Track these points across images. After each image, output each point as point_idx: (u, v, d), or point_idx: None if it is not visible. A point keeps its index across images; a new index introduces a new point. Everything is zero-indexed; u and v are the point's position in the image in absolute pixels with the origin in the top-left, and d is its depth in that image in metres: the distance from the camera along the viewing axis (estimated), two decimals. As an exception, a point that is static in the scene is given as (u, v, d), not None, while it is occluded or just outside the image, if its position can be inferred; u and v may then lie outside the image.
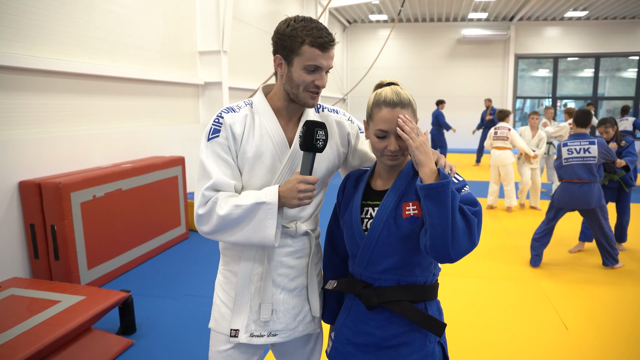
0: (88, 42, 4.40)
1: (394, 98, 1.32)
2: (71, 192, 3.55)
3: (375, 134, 1.34)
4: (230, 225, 1.37)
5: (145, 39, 5.28)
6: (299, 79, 1.38)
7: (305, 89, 1.39)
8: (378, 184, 1.44)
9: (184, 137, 6.09)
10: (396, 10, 13.49)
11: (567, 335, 3.08)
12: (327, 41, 1.34)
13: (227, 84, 6.81)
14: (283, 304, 1.51)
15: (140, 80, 5.21)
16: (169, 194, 4.95)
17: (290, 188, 1.35)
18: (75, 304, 2.69)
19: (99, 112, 4.61)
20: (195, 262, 4.50)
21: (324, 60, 1.36)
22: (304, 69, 1.36)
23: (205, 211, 1.38)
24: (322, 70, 1.38)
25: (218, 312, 1.54)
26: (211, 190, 1.39)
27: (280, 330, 1.51)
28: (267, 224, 1.35)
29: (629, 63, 15.31)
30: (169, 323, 3.25)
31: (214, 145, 1.42)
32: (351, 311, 1.45)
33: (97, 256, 3.85)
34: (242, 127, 1.44)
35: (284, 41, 1.36)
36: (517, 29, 14.83)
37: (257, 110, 1.47)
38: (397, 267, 1.35)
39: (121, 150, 4.84)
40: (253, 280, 1.49)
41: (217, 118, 1.44)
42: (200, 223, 1.40)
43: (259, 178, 1.45)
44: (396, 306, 1.35)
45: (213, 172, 1.39)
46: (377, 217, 1.35)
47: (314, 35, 1.33)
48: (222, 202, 1.37)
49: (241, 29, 7.75)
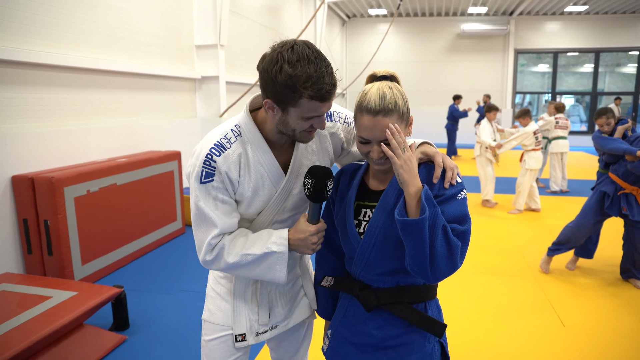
0: (85, 36, 4.35)
1: (377, 105, 1.21)
2: (65, 186, 3.51)
3: (358, 139, 1.30)
4: (240, 269, 1.38)
5: (142, 33, 5.23)
6: (295, 125, 1.27)
7: (304, 132, 1.30)
8: (373, 183, 1.38)
9: (180, 131, 6.05)
10: (395, 5, 13.41)
11: (564, 332, 3.06)
12: (329, 91, 1.20)
13: (225, 78, 6.76)
14: (280, 298, 1.54)
15: (137, 74, 5.16)
16: (165, 189, 4.92)
17: (304, 239, 1.34)
18: (66, 300, 2.66)
19: (95, 106, 4.57)
20: (191, 257, 4.46)
21: (325, 108, 1.24)
22: (301, 118, 1.24)
23: (212, 257, 1.37)
24: (322, 115, 1.28)
25: (213, 304, 1.54)
26: (217, 237, 1.36)
27: (280, 321, 1.56)
28: (278, 269, 1.36)
29: (628, 58, 15.24)
30: (163, 319, 3.22)
31: (209, 189, 1.32)
32: (349, 311, 1.41)
33: (92, 251, 3.81)
34: (238, 171, 1.34)
35: (277, 91, 1.19)
36: (516, 23, 14.75)
37: (247, 140, 1.35)
38: (396, 269, 1.31)
39: (117, 144, 4.80)
40: (249, 282, 1.50)
41: (208, 160, 1.30)
42: (208, 266, 1.39)
43: (255, 208, 1.42)
44: (395, 308, 1.32)
45: (216, 219, 1.33)
46: (374, 220, 1.30)
47: (315, 88, 1.17)
48: (229, 249, 1.35)
49: (239, 22, 7.69)
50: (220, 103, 6.64)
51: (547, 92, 15.66)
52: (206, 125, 6.54)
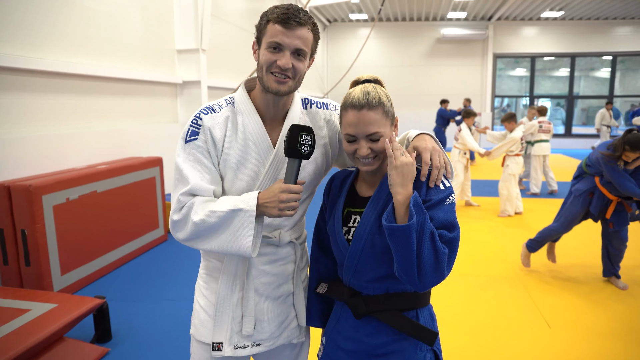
0: (63, 39, 4.25)
1: (361, 100, 1.22)
2: (43, 194, 3.41)
3: (345, 139, 1.28)
4: (206, 232, 1.29)
5: (121, 37, 5.14)
6: (262, 58, 1.29)
7: (268, 69, 1.28)
8: (363, 189, 1.37)
9: (162, 137, 5.96)
10: (376, 9, 13.50)
11: (550, 334, 3.09)
12: (290, 17, 1.24)
13: (206, 83, 6.69)
14: (267, 312, 1.44)
15: (117, 79, 5.06)
16: (147, 196, 4.82)
17: (271, 197, 1.25)
18: (46, 313, 2.57)
19: (74, 111, 4.46)
20: (174, 265, 4.39)
21: (287, 37, 1.25)
22: (267, 47, 1.28)
23: (180, 217, 1.30)
24: (285, 49, 1.26)
25: (197, 319, 1.47)
26: (187, 196, 1.31)
27: (265, 339, 1.45)
28: (244, 233, 1.25)
29: (602, 63, 15.65)
30: (146, 329, 3.14)
31: (192, 148, 1.32)
32: (341, 317, 1.39)
33: (71, 261, 3.71)
34: (223, 132, 1.34)
35: (259, 24, 1.31)
36: (495, 28, 14.99)
37: (239, 110, 1.37)
38: (385, 276, 1.29)
39: (96, 151, 4.69)
40: (235, 290, 1.41)
41: (195, 119, 1.35)
42: (175, 229, 1.33)
43: (241, 184, 1.36)
44: (385, 315, 1.30)
45: (190, 176, 1.30)
46: (360, 227, 1.28)
47: (278, 12, 1.25)
48: (197, 208, 1.29)
49: (220, 26, 7.63)
50: (202, 108, 6.55)
51: (525, 96, 15.94)
52: (188, 131, 6.44)
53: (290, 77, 1.30)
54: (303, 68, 1.32)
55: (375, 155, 1.26)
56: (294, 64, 1.28)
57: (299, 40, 1.27)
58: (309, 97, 1.50)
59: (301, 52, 1.29)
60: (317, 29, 1.33)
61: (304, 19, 1.27)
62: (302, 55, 1.30)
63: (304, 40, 1.28)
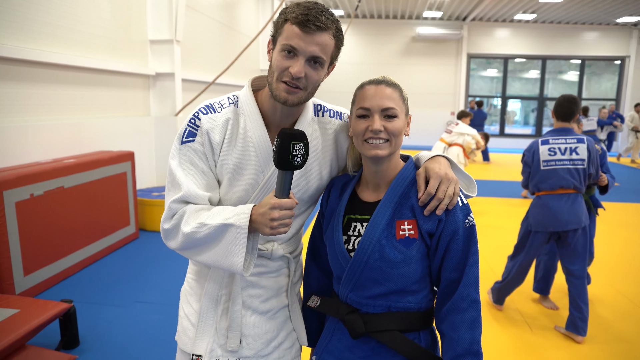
0: (26, 25, 3.98)
1: (379, 77, 1.18)
2: (4, 190, 3.19)
3: (357, 113, 1.17)
4: (196, 244, 1.18)
5: (88, 24, 4.88)
6: (275, 62, 1.15)
7: (279, 77, 1.14)
8: (366, 195, 1.25)
9: (133, 130, 5.72)
10: (353, 6, 13.44)
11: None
12: (310, 19, 1.09)
13: (180, 76, 6.46)
14: (254, 327, 1.32)
15: (85, 68, 4.81)
16: (117, 192, 4.61)
17: (263, 213, 1.12)
18: (7, 319, 2.38)
19: (38, 102, 4.20)
20: (145, 264, 4.20)
21: (303, 42, 1.10)
22: (281, 50, 1.13)
23: (170, 226, 1.20)
24: (300, 55, 1.12)
25: (181, 325, 1.37)
26: (179, 203, 1.20)
27: (250, 357, 1.32)
28: (235, 250, 1.14)
29: (569, 66, 16.07)
30: (116, 334, 2.97)
31: (187, 151, 1.21)
32: (334, 335, 1.28)
33: (35, 261, 3.49)
34: (222, 135, 1.22)
35: (276, 21, 1.17)
36: (469, 28, 15.16)
37: (242, 112, 1.24)
38: (388, 292, 1.18)
39: (63, 144, 4.45)
40: (220, 300, 1.30)
41: (193, 119, 1.22)
42: (166, 238, 1.23)
43: (238, 193, 1.25)
44: (385, 336, 1.18)
45: (183, 182, 1.19)
46: (367, 236, 1.17)
47: (298, 12, 1.10)
48: (188, 218, 1.18)
49: (195, 17, 7.40)
50: (176, 101, 6.34)
51: (497, 96, 16.22)
52: (160, 125, 6.23)
53: (301, 87, 1.15)
54: (318, 78, 1.17)
55: (388, 138, 1.15)
56: (308, 72, 1.14)
57: (316, 47, 1.12)
58: (321, 103, 1.36)
59: (318, 60, 1.14)
60: (341, 34, 1.18)
61: (326, 23, 1.12)
62: (318, 64, 1.15)
63: (323, 47, 1.13)
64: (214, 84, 6.62)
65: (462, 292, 1.14)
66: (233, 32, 9.06)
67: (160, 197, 5.21)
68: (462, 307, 1.14)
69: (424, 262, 1.18)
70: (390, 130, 1.15)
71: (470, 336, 1.14)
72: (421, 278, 1.19)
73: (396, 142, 1.17)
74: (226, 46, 8.72)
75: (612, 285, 3.93)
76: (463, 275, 1.15)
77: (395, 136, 1.16)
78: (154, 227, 5.17)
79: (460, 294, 1.15)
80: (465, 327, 1.14)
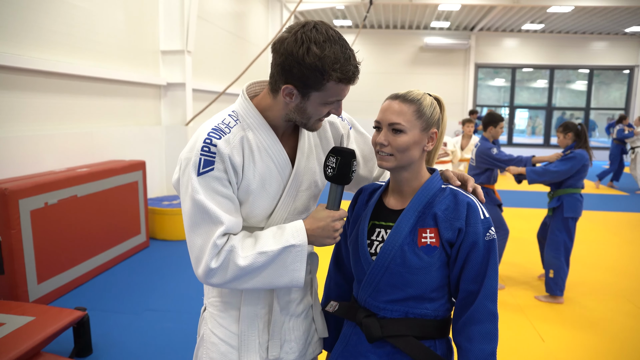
0: (42, 36, 4.06)
1: (399, 93, 1.23)
2: (20, 199, 3.24)
3: (373, 125, 1.25)
4: (251, 273, 1.17)
5: (103, 35, 4.97)
6: (314, 111, 1.18)
7: (318, 119, 1.22)
8: (391, 202, 1.28)
9: (144, 140, 5.78)
10: (361, 16, 13.52)
11: (544, 347, 3.06)
12: (354, 72, 1.14)
13: (191, 86, 6.53)
14: (294, 331, 1.36)
15: (98, 78, 4.88)
16: (129, 200, 4.66)
17: (325, 227, 1.19)
18: (23, 326, 2.41)
19: (53, 111, 4.27)
20: (156, 273, 4.23)
21: (347, 91, 1.18)
22: (323, 103, 1.17)
23: (219, 264, 1.14)
24: (342, 100, 1.21)
25: (217, 352, 1.30)
26: (222, 237, 1.15)
27: (294, 359, 1.37)
28: (296, 267, 1.18)
29: (577, 75, 16.04)
30: (128, 341, 3.00)
31: (210, 181, 1.15)
32: (350, 340, 1.30)
33: (49, 269, 3.53)
34: (241, 155, 1.19)
35: (304, 74, 1.10)
36: (477, 38, 15.19)
37: (248, 126, 1.22)
38: (407, 298, 1.21)
39: (77, 153, 4.51)
40: (259, 314, 1.31)
41: (206, 146, 1.15)
42: (209, 276, 1.16)
43: (263, 207, 1.25)
44: (400, 341, 1.20)
45: (221, 215, 1.14)
46: (389, 241, 1.20)
47: (343, 70, 1.11)
48: (240, 250, 1.15)
49: (205, 28, 7.49)
50: (187, 111, 6.41)
51: (505, 106, 16.20)
52: (171, 134, 6.29)
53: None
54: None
55: (394, 152, 1.19)
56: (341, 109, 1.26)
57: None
58: None
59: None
60: None
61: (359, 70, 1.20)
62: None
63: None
64: (224, 94, 6.68)
65: (480, 304, 1.16)
66: (243, 42, 9.15)
67: (170, 206, 5.25)
68: (480, 319, 1.16)
69: (444, 271, 1.21)
70: (394, 145, 1.19)
71: (485, 348, 1.16)
72: (440, 286, 1.22)
73: (402, 156, 1.19)
74: (236, 56, 8.81)
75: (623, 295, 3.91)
76: (481, 287, 1.17)
77: (399, 151, 1.18)
78: (164, 236, 5.21)
79: (478, 306, 1.16)
80: (482, 339, 1.16)
